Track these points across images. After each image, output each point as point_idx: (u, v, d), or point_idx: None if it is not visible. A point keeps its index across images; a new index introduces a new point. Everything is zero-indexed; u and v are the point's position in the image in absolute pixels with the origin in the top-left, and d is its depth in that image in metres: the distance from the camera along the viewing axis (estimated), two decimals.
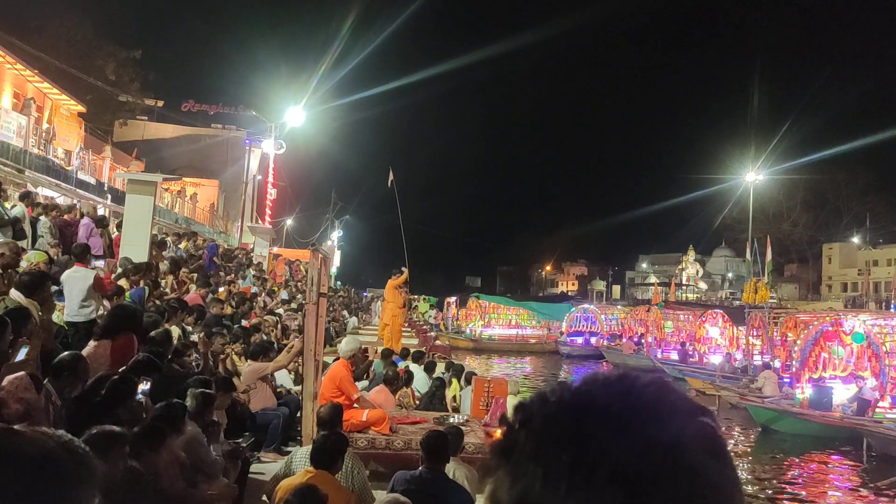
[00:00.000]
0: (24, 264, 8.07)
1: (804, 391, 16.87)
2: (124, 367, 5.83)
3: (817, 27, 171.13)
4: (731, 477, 0.64)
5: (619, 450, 0.59)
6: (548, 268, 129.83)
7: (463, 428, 7.31)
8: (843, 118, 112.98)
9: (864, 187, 72.68)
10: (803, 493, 12.85)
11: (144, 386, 5.60)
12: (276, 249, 36.29)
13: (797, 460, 14.82)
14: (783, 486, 13.05)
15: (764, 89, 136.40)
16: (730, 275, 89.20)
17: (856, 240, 76.00)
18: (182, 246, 18.68)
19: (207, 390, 5.90)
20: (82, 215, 13.64)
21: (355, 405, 8.07)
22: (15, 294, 6.28)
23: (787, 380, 18.57)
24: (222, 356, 9.38)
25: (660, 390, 0.65)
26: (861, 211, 74.42)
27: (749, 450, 15.66)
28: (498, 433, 0.67)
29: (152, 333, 7.22)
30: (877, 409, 15.43)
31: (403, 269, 17.25)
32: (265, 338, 11.60)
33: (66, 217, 13.36)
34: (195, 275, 14.15)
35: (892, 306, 47.18)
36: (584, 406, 0.63)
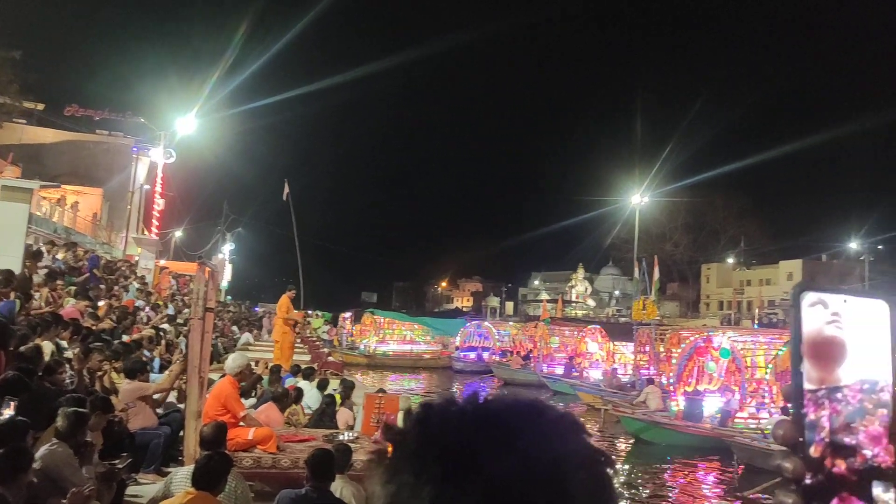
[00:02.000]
0: None
1: (679, 404, 17.86)
2: None
3: (697, 54, 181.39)
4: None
5: (493, 470, 0.58)
6: (443, 284, 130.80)
7: (352, 445, 7.25)
8: (720, 144, 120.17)
9: (739, 211, 77.52)
10: (674, 500, 13.50)
11: (9, 410, 5.27)
12: (162, 262, 34.97)
13: (669, 469, 15.68)
14: (656, 494, 13.64)
15: (649, 114, 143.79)
16: (616, 292, 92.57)
17: (731, 260, 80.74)
18: (60, 256, 17.72)
19: (80, 409, 5.61)
20: None
21: (241, 423, 7.87)
22: None
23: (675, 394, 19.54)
24: (100, 373, 8.93)
25: (548, 415, 0.65)
26: (736, 233, 79.29)
27: (623, 459, 16.35)
28: (384, 433, 0.66)
29: (21, 349, 6.81)
30: (736, 420, 16.53)
31: (292, 286, 16.97)
32: (147, 354, 11.15)
33: None
34: (73, 288, 13.45)
35: (757, 324, 50.14)
36: (482, 423, 0.63)
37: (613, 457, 0.68)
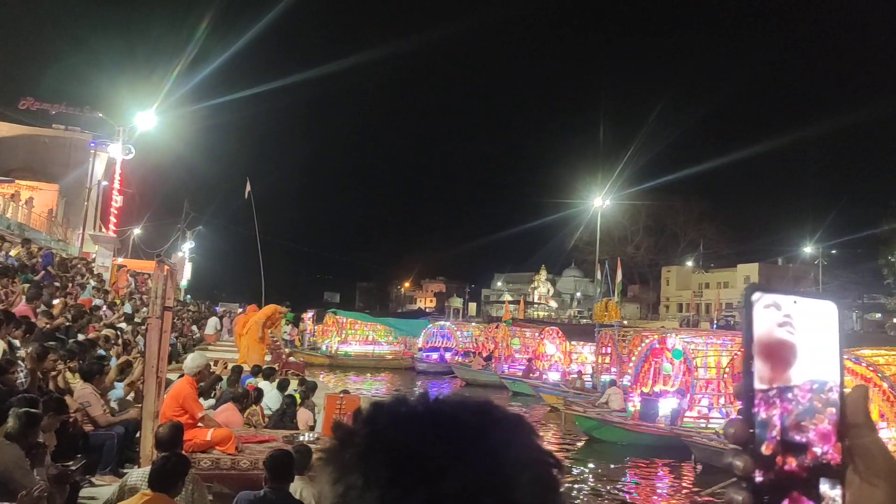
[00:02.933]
0: None
1: (636, 404, 18.16)
2: None
3: (658, 57, 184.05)
4: None
5: (439, 472, 0.58)
6: (407, 284, 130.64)
7: (312, 446, 7.20)
8: (680, 148, 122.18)
9: (699, 215, 78.95)
10: (633, 499, 13.70)
11: None
12: (120, 260, 34.37)
13: (625, 468, 15.92)
14: (614, 493, 13.81)
15: (610, 118, 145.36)
16: (578, 294, 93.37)
17: (690, 263, 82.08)
18: (13, 253, 17.30)
19: (32, 409, 5.48)
20: None
21: (200, 424, 7.76)
22: None
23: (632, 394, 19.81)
24: (54, 373, 8.73)
25: (496, 415, 0.65)
26: (696, 237, 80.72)
27: (577, 458, 16.51)
28: (343, 424, 0.65)
29: None
30: (685, 419, 16.85)
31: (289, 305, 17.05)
32: (102, 353, 10.93)
33: None
34: (25, 285, 13.13)
35: (713, 325, 51.01)
36: (431, 424, 0.63)
37: (565, 457, 0.68)
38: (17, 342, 8.93)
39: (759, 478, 0.61)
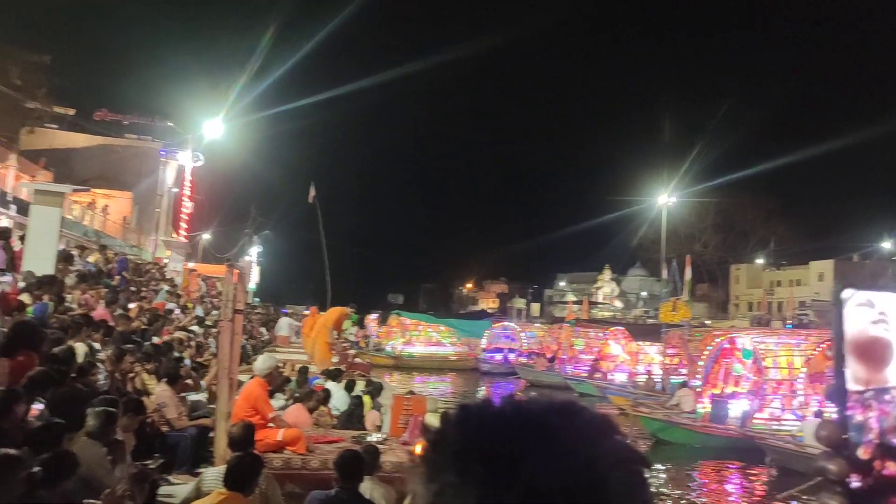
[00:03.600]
0: None
1: (706, 406, 17.73)
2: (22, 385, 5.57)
3: (725, 53, 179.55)
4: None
5: (533, 470, 0.60)
6: (469, 285, 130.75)
7: (381, 446, 7.27)
8: (750, 143, 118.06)
9: (769, 211, 76.62)
10: (705, 501, 13.39)
11: (38, 405, 5.36)
12: (191, 265, 35.32)
13: (695, 470, 15.54)
14: (685, 496, 13.52)
15: (676, 113, 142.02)
16: (644, 294, 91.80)
17: (761, 261, 79.75)
18: (91, 260, 17.98)
19: (109, 408, 5.68)
20: None
21: (270, 424, 7.92)
22: None
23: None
24: (131, 375, 9.05)
25: (583, 415, 0.67)
26: (766, 234, 78.36)
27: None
28: (434, 426, 0.70)
29: (54, 350, 6.93)
30: (754, 421, 16.37)
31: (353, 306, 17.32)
32: (177, 355, 11.28)
33: None
34: (103, 290, 13.63)
35: (788, 325, 49.47)
36: (521, 424, 0.64)
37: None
38: (96, 345, 9.28)
39: (855, 483, 0.59)
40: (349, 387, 12.97)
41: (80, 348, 8.27)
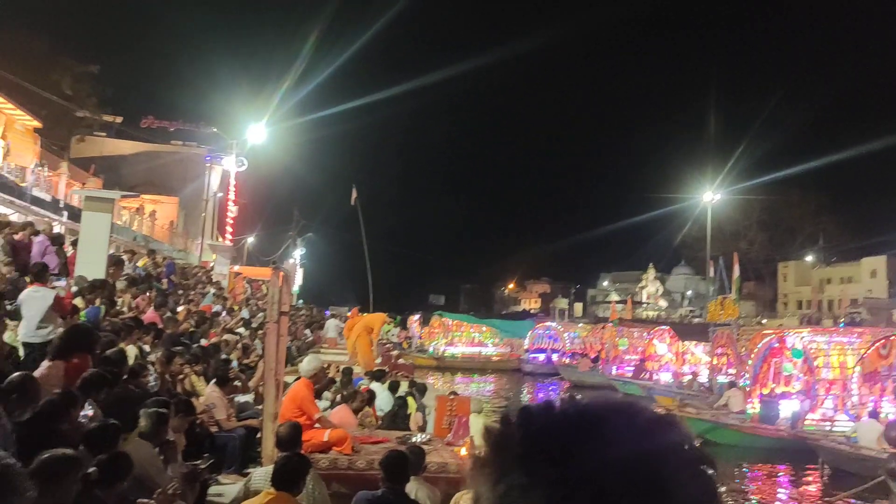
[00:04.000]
0: None
1: (755, 406, 17.34)
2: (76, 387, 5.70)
3: (771, 48, 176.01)
4: None
5: (601, 470, 0.60)
6: (511, 286, 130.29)
7: (425, 447, 7.27)
8: (797, 140, 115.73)
9: (817, 208, 74.70)
10: (756, 502, 13.14)
11: (87, 410, 5.47)
12: (236, 268, 35.86)
13: (745, 471, 15.23)
14: (736, 497, 13.26)
15: (720, 109, 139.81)
16: (689, 293, 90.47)
17: (810, 258, 77.89)
18: (140, 264, 18.36)
19: (161, 409, 5.79)
20: (36, 233, 13.34)
21: (317, 425, 7.98)
22: None
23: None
24: (181, 377, 9.21)
25: (647, 415, 0.67)
26: (814, 230, 76.45)
27: None
28: (495, 428, 0.69)
29: (107, 353, 7.08)
30: (806, 422, 15.98)
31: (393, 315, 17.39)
32: (224, 357, 11.44)
33: (18, 235, 13.04)
34: (153, 293, 13.89)
35: (841, 323, 48.28)
36: (584, 425, 0.65)
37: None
38: (147, 347, 9.47)
39: None
40: (393, 388, 13.02)
41: (131, 351, 8.44)
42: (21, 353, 7.63)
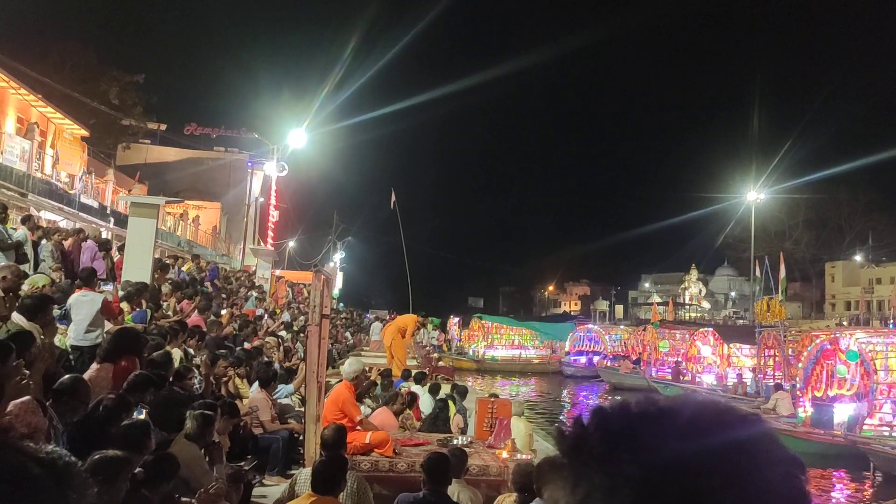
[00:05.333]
0: (25, 287, 8.06)
1: (806, 410, 16.90)
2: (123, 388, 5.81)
3: (818, 45, 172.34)
4: None
5: (692, 473, 0.59)
6: (550, 288, 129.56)
7: (467, 449, 7.26)
8: (845, 137, 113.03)
9: (866, 206, 72.77)
10: None
11: (139, 414, 5.57)
12: (278, 272, 36.26)
13: None
14: None
15: (764, 107, 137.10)
16: (732, 294, 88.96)
17: (858, 258, 75.94)
18: (185, 268, 18.68)
19: (207, 411, 5.87)
20: (85, 239, 13.66)
21: (358, 427, 8.02)
22: (17, 317, 6.27)
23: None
24: (225, 379, 9.34)
25: (734, 413, 0.66)
26: (863, 229, 74.47)
27: None
28: (569, 431, 0.68)
29: (153, 355, 7.21)
30: (864, 427, 15.53)
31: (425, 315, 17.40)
32: (266, 359, 11.57)
33: (68, 241, 13.36)
34: (197, 298, 14.12)
35: (892, 324, 46.99)
36: (668, 424, 0.64)
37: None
38: (191, 350, 9.63)
39: None
40: (434, 390, 13.03)
41: (177, 354, 8.59)
42: (71, 356, 7.81)
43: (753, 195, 45.13)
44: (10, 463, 0.87)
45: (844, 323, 51.95)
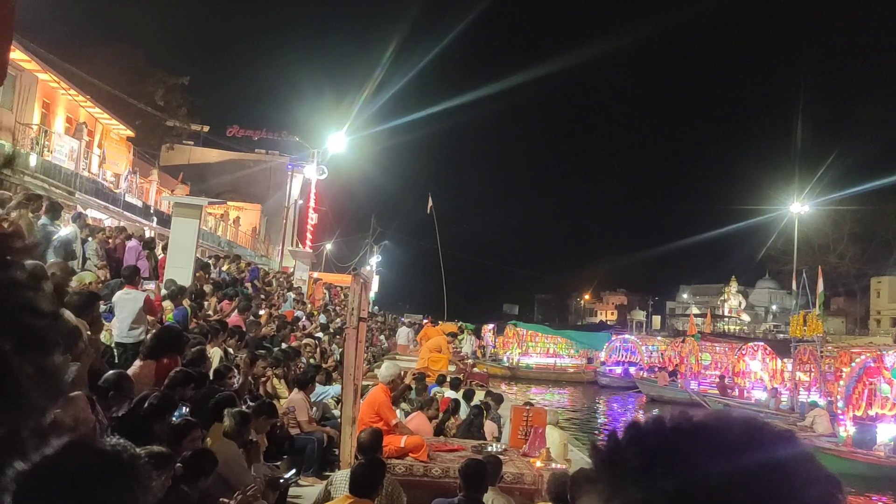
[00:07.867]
0: (73, 284, 8.25)
1: (847, 429, 16.44)
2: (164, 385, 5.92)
3: (866, 49, 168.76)
4: None
5: (729, 489, 0.59)
6: (586, 296, 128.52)
7: (501, 457, 7.23)
8: (894, 146, 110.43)
9: None
10: None
11: (181, 410, 5.67)
12: (315, 274, 36.59)
13: None
14: None
15: (809, 117, 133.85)
16: (773, 307, 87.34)
17: None
18: (225, 269, 18.94)
19: (244, 410, 5.95)
20: (129, 237, 13.94)
21: (395, 431, 8.04)
22: (65, 314, 6.42)
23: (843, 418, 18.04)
24: (263, 379, 9.45)
25: (769, 430, 0.65)
26: None
27: None
28: (604, 444, 0.68)
29: (192, 353, 7.32)
30: None
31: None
32: (303, 361, 11.67)
33: (113, 239, 13.65)
34: (237, 298, 14.31)
35: None
36: (703, 440, 0.63)
37: None
38: (231, 350, 9.76)
39: None
40: (468, 396, 13.01)
41: (216, 353, 8.72)
42: (115, 352, 7.98)
43: (797, 207, 44.30)
44: (83, 456, 0.90)
45: (890, 340, 50.66)
